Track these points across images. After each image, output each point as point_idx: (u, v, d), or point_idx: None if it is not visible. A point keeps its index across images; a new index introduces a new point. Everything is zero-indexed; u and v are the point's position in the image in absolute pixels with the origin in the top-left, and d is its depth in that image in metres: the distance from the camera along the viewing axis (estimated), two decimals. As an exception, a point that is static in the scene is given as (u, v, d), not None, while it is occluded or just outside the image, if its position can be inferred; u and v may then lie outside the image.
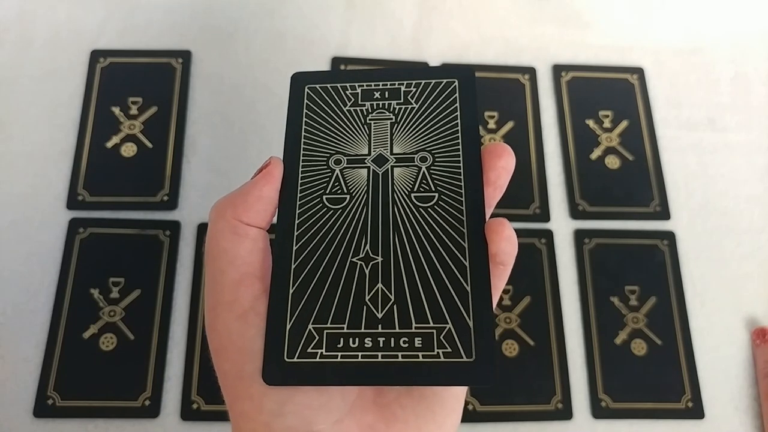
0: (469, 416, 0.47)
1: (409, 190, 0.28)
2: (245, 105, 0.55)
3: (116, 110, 0.54)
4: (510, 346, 0.49)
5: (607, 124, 0.57)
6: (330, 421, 0.24)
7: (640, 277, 0.51)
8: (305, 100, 0.30)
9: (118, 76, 0.55)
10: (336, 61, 0.57)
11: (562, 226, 0.53)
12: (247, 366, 0.25)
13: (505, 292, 0.50)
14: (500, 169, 0.27)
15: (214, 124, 0.55)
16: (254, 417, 0.24)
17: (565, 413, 0.47)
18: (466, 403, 0.47)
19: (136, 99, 0.55)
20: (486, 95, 0.57)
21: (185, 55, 0.57)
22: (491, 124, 0.56)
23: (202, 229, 0.51)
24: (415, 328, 0.25)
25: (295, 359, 0.25)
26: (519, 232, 0.25)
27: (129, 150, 0.53)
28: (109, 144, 0.53)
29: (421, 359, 0.24)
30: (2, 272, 0.49)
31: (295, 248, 0.27)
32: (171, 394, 0.46)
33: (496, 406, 0.47)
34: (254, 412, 0.24)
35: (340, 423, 0.25)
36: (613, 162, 0.55)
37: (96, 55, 0.56)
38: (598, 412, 0.47)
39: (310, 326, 0.25)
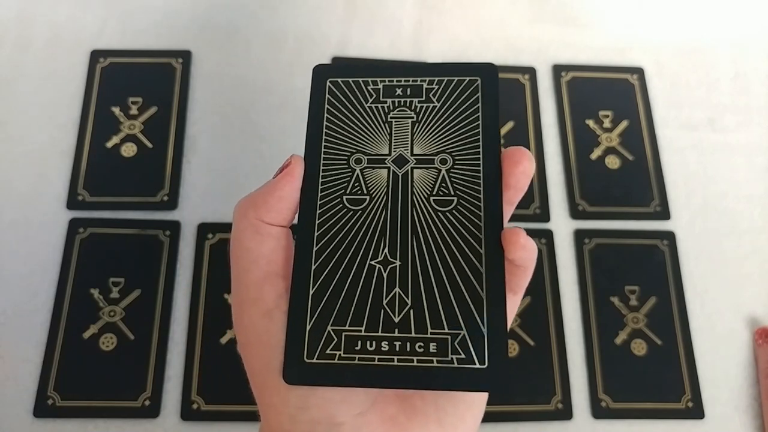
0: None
1: (429, 193, 0.28)
2: (245, 105, 0.55)
3: (116, 110, 0.54)
4: (510, 346, 0.49)
5: (607, 124, 0.57)
6: (352, 414, 0.25)
7: (640, 277, 0.51)
8: (327, 95, 0.30)
9: (118, 76, 0.55)
10: (336, 61, 0.57)
11: (562, 226, 0.53)
12: (274, 361, 0.25)
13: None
14: (519, 174, 0.27)
15: (214, 124, 0.55)
16: (281, 409, 0.25)
17: (565, 413, 0.47)
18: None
19: (136, 99, 0.55)
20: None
21: (185, 55, 0.57)
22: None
23: (202, 229, 0.51)
24: (431, 333, 0.25)
25: (314, 360, 0.25)
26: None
27: (129, 150, 0.53)
28: (109, 144, 0.53)
29: (435, 364, 0.25)
30: (2, 272, 0.49)
31: (315, 249, 0.27)
32: (171, 394, 0.46)
33: (496, 406, 0.47)
34: (281, 405, 0.25)
35: (362, 416, 0.26)
36: (613, 162, 0.55)
37: (96, 55, 0.56)
38: (598, 412, 0.47)
39: (329, 328, 0.26)
